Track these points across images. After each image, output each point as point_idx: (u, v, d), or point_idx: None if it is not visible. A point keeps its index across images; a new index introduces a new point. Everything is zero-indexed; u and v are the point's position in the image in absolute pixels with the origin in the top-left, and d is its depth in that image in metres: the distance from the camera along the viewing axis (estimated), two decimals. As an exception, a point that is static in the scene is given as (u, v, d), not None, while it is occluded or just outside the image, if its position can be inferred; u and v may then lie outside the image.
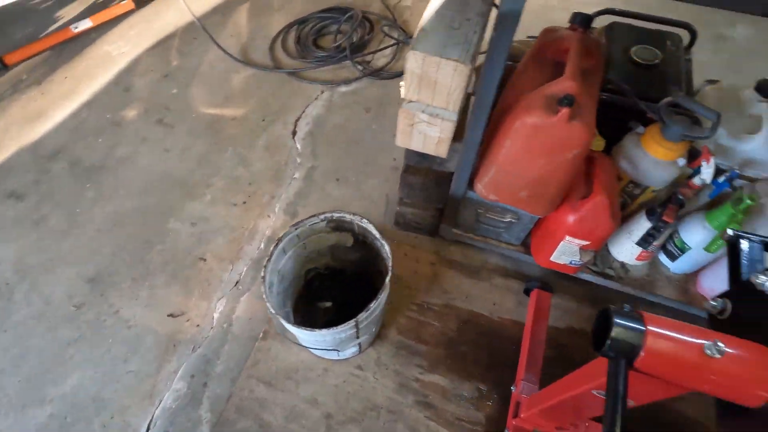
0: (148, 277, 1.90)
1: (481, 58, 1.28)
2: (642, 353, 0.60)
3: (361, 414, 1.55)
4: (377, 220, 2.03)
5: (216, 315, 1.78)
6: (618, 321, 0.62)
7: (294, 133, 2.38)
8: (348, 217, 1.41)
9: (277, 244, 1.34)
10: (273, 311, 1.22)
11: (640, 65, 1.67)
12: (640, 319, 0.63)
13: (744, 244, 0.78)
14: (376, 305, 1.23)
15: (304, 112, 2.47)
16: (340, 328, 1.20)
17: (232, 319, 1.77)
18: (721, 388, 0.59)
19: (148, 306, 1.82)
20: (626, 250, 1.66)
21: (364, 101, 2.50)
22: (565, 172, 1.25)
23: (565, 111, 1.08)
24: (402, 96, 1.28)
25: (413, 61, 1.15)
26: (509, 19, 0.91)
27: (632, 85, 1.63)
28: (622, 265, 1.72)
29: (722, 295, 0.75)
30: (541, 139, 1.16)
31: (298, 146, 2.32)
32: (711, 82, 1.84)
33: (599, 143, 1.58)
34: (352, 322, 1.21)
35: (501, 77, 1.10)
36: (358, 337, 1.44)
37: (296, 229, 1.39)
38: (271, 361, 1.64)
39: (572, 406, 1.01)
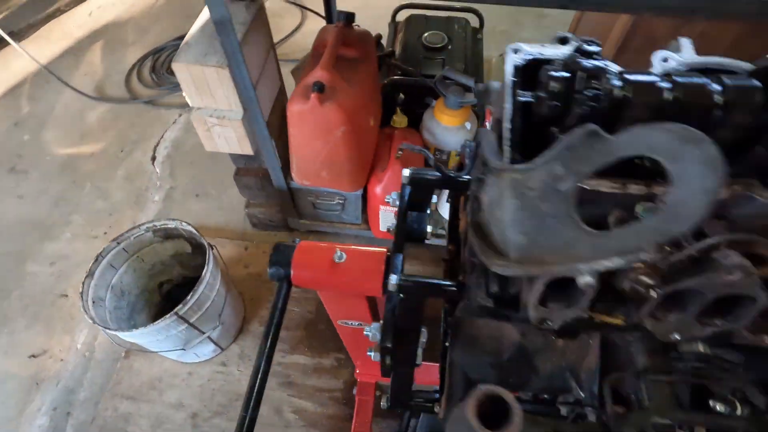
0: (7, 323, 1.88)
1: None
2: (292, 271, 0.76)
3: (227, 407, 1.64)
4: (239, 226, 2.13)
5: (79, 346, 1.80)
6: (274, 251, 0.77)
7: (153, 158, 2.43)
8: (171, 223, 1.51)
9: (97, 261, 1.41)
10: (92, 321, 1.28)
11: (430, 48, 1.90)
12: (293, 246, 0.78)
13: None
14: (192, 297, 1.33)
15: (162, 137, 2.52)
16: (159, 323, 1.29)
17: (94, 346, 1.79)
18: (351, 285, 0.76)
19: (7, 352, 1.80)
20: (446, 209, 1.87)
21: (222, 118, 2.60)
22: (346, 148, 1.42)
23: (314, 96, 1.25)
24: (189, 105, 1.40)
25: (179, 71, 1.28)
26: (223, 25, 1.07)
27: (424, 66, 1.86)
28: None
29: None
30: (308, 122, 1.32)
31: (158, 170, 2.37)
32: (501, 55, 2.12)
33: (402, 120, 1.79)
34: (171, 315, 1.30)
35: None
36: (203, 333, 1.52)
37: (118, 243, 1.46)
38: (135, 377, 1.69)
39: (354, 344, 1.17)
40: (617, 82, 0.47)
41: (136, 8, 3.30)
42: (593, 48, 0.55)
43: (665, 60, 0.58)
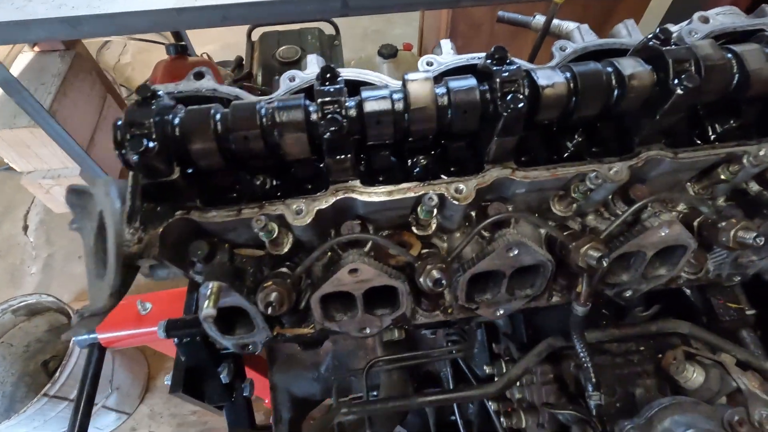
0: None
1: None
2: (99, 336, 0.72)
3: (142, 472, 1.55)
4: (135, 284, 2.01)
5: (-36, 453, 1.62)
6: (75, 320, 0.73)
7: (26, 227, 2.24)
8: (30, 298, 1.39)
9: (-55, 359, 1.27)
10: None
11: (284, 63, 1.90)
12: (101, 313, 0.74)
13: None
14: (63, 374, 1.24)
15: (33, 203, 2.33)
16: (27, 411, 1.19)
17: (-19, 448, 1.63)
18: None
19: None
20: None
21: (97, 170, 2.45)
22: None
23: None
24: (18, 170, 1.31)
25: (-11, 139, 1.18)
26: (9, 86, 1.00)
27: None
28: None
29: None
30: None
31: (32, 239, 2.19)
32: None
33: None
34: (40, 398, 1.21)
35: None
36: (106, 405, 1.43)
37: (-30, 334, 1.33)
38: (33, 470, 1.55)
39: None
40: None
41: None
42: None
43: (430, 63, 0.65)
